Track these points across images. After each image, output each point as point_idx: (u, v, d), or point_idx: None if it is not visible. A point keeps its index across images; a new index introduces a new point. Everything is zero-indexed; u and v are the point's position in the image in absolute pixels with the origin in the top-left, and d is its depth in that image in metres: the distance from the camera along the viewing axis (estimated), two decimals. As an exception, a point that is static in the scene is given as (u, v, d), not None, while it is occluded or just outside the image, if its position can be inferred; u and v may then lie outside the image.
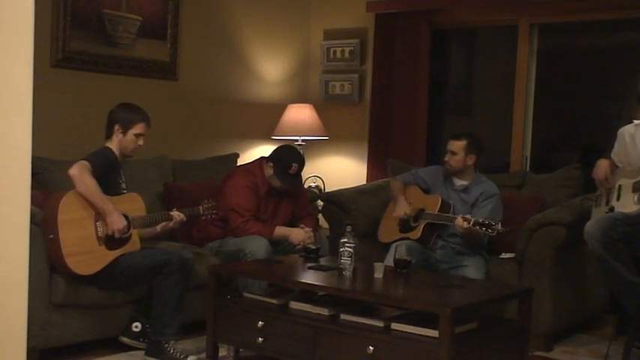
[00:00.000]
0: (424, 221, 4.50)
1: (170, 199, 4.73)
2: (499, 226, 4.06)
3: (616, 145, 4.07)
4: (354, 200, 5.12)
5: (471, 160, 4.52)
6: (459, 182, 4.56)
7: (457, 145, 4.50)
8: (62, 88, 4.75)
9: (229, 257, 4.45)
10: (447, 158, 4.55)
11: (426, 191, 4.70)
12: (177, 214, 4.12)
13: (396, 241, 4.35)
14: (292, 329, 3.58)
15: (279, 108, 5.96)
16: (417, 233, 4.50)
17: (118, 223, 3.81)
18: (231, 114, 5.81)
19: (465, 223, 4.17)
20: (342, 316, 3.53)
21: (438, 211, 4.47)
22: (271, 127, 5.92)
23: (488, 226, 4.09)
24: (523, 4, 5.39)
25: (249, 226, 4.47)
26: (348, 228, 3.80)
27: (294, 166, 4.60)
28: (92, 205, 3.78)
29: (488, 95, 6.09)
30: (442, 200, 4.51)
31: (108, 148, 3.99)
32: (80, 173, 3.73)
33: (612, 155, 4.08)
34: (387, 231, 4.75)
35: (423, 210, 4.56)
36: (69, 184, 3.77)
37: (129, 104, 4.08)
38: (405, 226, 4.63)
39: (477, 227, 4.12)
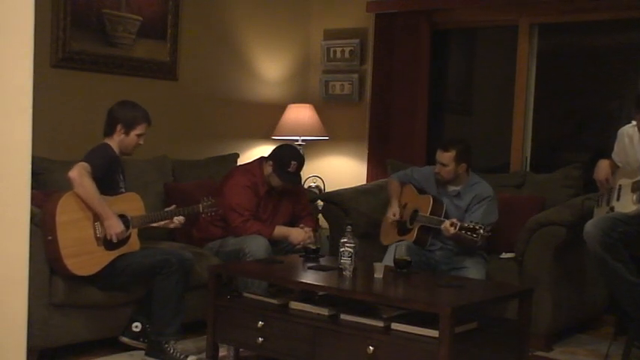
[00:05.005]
0: (418, 224, 4.49)
1: (170, 199, 4.72)
2: (482, 231, 4.04)
3: (616, 145, 4.07)
4: (354, 200, 5.12)
5: (462, 169, 4.46)
6: (452, 188, 4.52)
7: (446, 157, 4.42)
8: (62, 88, 4.75)
9: (229, 257, 4.45)
10: (437, 169, 4.49)
11: (420, 190, 4.68)
12: (177, 219, 4.12)
13: (394, 243, 4.36)
14: (292, 329, 3.58)
15: (279, 108, 5.96)
16: (412, 236, 4.48)
17: (115, 227, 3.80)
18: (231, 114, 5.81)
19: (452, 228, 4.15)
20: (342, 316, 3.53)
21: (430, 213, 4.44)
22: (271, 127, 5.92)
23: (473, 230, 4.07)
24: (523, 4, 5.39)
25: (248, 225, 4.47)
26: (348, 228, 3.79)
27: (294, 163, 4.60)
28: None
29: (488, 95, 6.09)
30: (433, 200, 4.47)
31: (108, 145, 3.98)
32: (80, 176, 3.72)
33: (612, 155, 4.09)
34: (387, 233, 4.75)
35: (416, 211, 4.55)
36: (68, 185, 3.76)
37: (128, 102, 4.08)
38: (402, 228, 4.62)
39: (463, 232, 4.11)
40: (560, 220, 4.31)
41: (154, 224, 4.11)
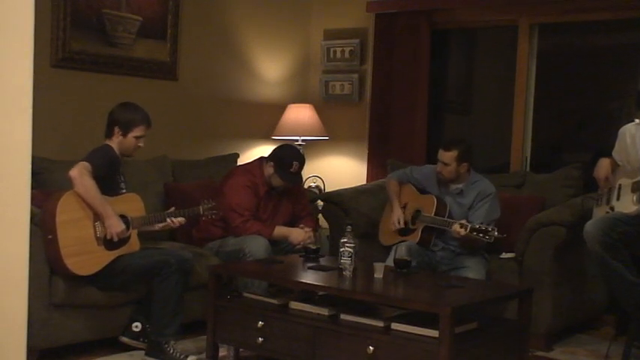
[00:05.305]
0: (422, 224, 4.49)
1: (170, 199, 4.73)
2: (495, 232, 4.04)
3: (617, 143, 4.06)
4: (354, 200, 5.12)
5: (463, 168, 4.46)
6: (454, 186, 4.52)
7: (448, 157, 4.42)
8: (62, 88, 4.75)
9: (229, 257, 4.45)
10: (439, 169, 4.49)
11: (422, 190, 4.68)
12: (177, 220, 4.11)
13: (397, 243, 4.36)
14: (292, 329, 3.58)
15: (279, 108, 5.96)
16: (416, 236, 4.48)
17: (116, 226, 3.80)
18: (231, 114, 5.81)
19: (462, 230, 4.14)
20: (342, 316, 3.53)
21: (435, 214, 4.44)
22: (271, 127, 5.92)
23: (485, 232, 4.06)
24: (523, 4, 5.39)
25: (248, 225, 4.47)
26: (348, 228, 3.79)
27: (295, 164, 4.61)
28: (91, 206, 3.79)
29: (488, 95, 6.09)
30: (437, 201, 4.48)
31: (109, 146, 3.99)
32: (80, 175, 3.72)
33: (613, 154, 4.08)
34: (387, 234, 4.74)
35: (419, 211, 4.54)
36: (68, 184, 3.77)
37: (129, 104, 4.08)
38: (404, 228, 4.61)
39: (474, 234, 4.11)
40: (560, 220, 4.32)
41: (155, 228, 4.10)
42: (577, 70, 5.61)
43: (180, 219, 4.13)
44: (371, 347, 3.29)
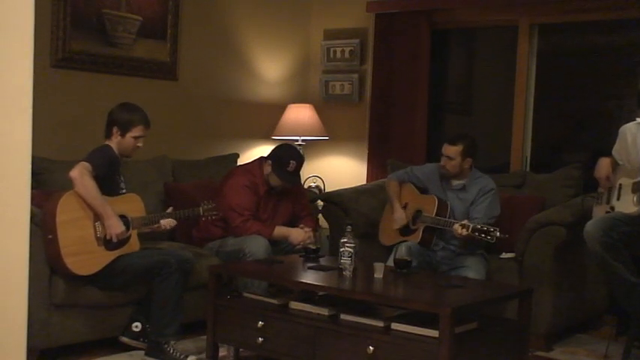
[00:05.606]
0: (423, 224, 4.49)
1: (170, 199, 4.73)
2: (497, 233, 4.05)
3: (617, 142, 4.06)
4: (354, 200, 5.12)
5: (467, 164, 4.48)
6: (456, 182, 4.54)
7: (453, 151, 4.44)
8: (62, 88, 4.75)
9: (229, 257, 4.45)
10: (443, 163, 4.50)
11: (422, 190, 4.68)
12: (167, 222, 4.10)
13: (397, 244, 4.36)
14: (292, 329, 3.58)
15: (279, 108, 5.96)
16: (417, 237, 4.48)
17: (116, 227, 3.81)
18: (231, 114, 5.81)
19: (464, 230, 4.15)
20: (342, 316, 3.53)
21: (436, 214, 4.44)
22: (271, 127, 5.92)
23: (487, 232, 4.07)
24: (523, 4, 5.39)
25: (248, 225, 4.47)
26: (348, 228, 3.79)
27: (292, 163, 4.60)
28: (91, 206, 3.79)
29: (488, 95, 6.09)
30: (438, 201, 4.47)
31: (109, 146, 3.99)
32: (81, 176, 3.72)
33: (613, 152, 4.08)
34: (388, 234, 4.74)
35: (419, 211, 4.54)
36: (69, 184, 3.77)
37: (128, 105, 4.07)
38: (405, 228, 4.62)
39: (476, 234, 4.11)
40: (560, 220, 4.32)
41: (149, 229, 4.10)
42: (577, 70, 5.61)
43: (170, 220, 4.11)
44: (371, 347, 3.29)
